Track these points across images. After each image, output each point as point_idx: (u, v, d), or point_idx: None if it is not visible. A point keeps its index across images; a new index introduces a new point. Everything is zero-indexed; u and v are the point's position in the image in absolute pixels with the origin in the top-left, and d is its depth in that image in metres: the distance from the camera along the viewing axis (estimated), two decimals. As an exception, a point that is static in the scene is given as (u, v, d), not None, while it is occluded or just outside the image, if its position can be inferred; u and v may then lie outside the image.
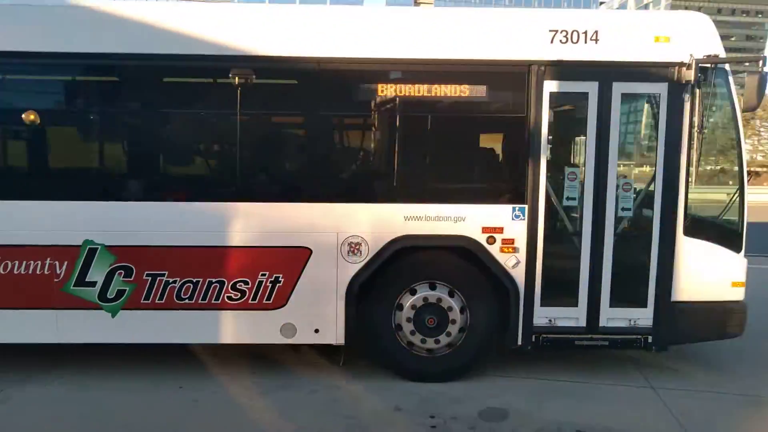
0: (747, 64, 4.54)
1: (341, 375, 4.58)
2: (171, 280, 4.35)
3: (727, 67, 4.34)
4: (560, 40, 4.33)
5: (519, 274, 4.42)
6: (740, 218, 4.55)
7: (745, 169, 4.61)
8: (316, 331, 4.47)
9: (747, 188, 4.57)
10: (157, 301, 4.35)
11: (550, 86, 4.32)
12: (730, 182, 4.78)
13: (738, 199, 4.52)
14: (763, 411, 4.28)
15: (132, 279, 4.33)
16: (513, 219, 4.38)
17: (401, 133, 4.53)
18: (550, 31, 4.31)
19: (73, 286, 4.32)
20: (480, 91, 4.48)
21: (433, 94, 4.40)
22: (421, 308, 4.46)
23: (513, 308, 4.42)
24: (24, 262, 4.27)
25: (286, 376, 4.58)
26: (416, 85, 4.38)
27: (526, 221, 4.37)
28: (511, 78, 4.39)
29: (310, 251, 4.39)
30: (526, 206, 4.37)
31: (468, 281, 4.49)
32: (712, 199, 4.70)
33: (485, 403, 4.13)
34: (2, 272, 4.28)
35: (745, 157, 4.70)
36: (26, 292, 4.32)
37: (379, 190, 4.64)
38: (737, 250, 4.51)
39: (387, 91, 4.42)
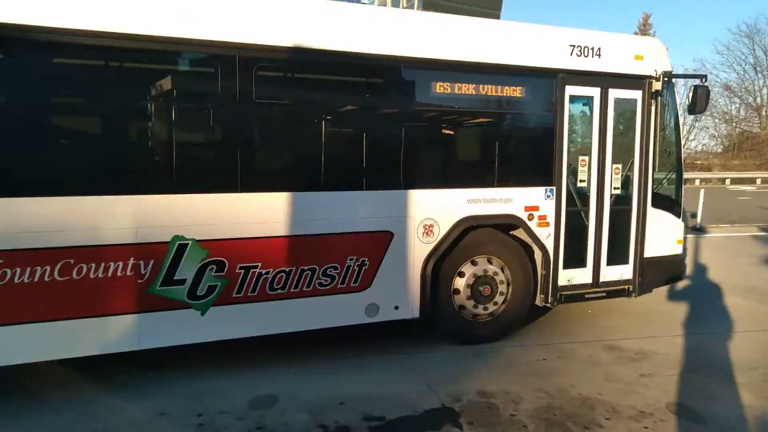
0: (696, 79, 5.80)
1: (97, 387, 4.18)
2: (264, 271, 4.36)
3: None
4: (576, 54, 5.35)
5: (550, 244, 5.37)
6: (680, 193, 6.05)
7: (683, 157, 6.26)
8: (396, 308, 4.89)
9: (684, 172, 6.28)
10: (249, 294, 4.33)
11: (570, 90, 5.35)
12: (674, 167, 6.12)
13: (678, 179, 6.05)
14: (487, 356, 4.98)
15: (224, 274, 4.23)
16: (545, 199, 5.33)
17: (464, 128, 5.45)
18: (570, 45, 5.32)
19: (160, 286, 4.08)
20: (522, 92, 5.29)
21: (488, 94, 5.17)
22: (477, 279, 5.18)
23: (546, 272, 5.38)
24: (103, 264, 3.89)
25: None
26: (473, 88, 5.06)
27: (554, 200, 5.35)
28: (544, 83, 5.29)
29: (392, 234, 4.79)
30: (554, 188, 5.34)
31: (513, 255, 5.32)
32: (662, 179, 6.02)
33: (254, 393, 4.17)
34: (76, 277, 3.84)
35: (683, 149, 6.32)
36: (104, 297, 3.94)
37: (448, 177, 5.24)
38: (679, 216, 6.02)
39: (447, 93, 5.00)
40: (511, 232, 5.37)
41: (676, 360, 4.94)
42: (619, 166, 5.65)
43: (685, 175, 7.59)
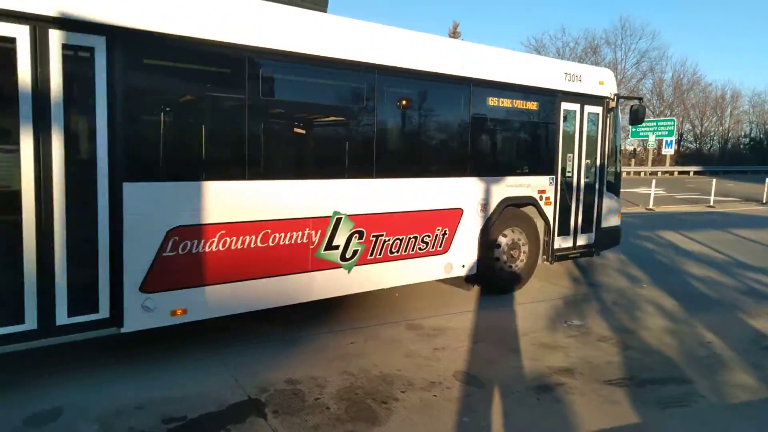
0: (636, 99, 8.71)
1: None
2: (387, 238, 5.70)
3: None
4: (568, 79, 7.42)
5: (552, 218, 7.35)
6: (619, 181, 8.56)
7: (620, 157, 8.78)
8: (463, 266, 6.47)
9: (621, 167, 9.19)
10: (377, 257, 5.64)
11: (564, 106, 7.41)
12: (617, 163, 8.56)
13: (618, 172, 8.54)
14: (300, 345, 5.12)
15: (363, 240, 5.50)
16: (549, 184, 7.31)
17: (505, 132, 7.25)
18: (565, 73, 7.42)
19: (324, 250, 5.23)
20: (538, 106, 7.22)
21: (522, 108, 7.02)
22: (510, 245, 6.96)
23: (547, 239, 7.38)
24: (289, 233, 4.98)
25: None
26: (512, 102, 6.90)
27: (554, 185, 7.36)
28: (551, 100, 7.29)
29: (462, 210, 6.37)
30: (554, 176, 7.36)
31: (529, 227, 7.19)
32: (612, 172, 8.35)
33: (35, 408, 3.77)
34: (270, 244, 4.88)
35: (620, 151, 8.86)
36: (286, 259, 5.00)
37: (496, 168, 6.86)
38: (618, 196, 8.48)
39: (505, 105, 6.86)
40: (522, 210, 7.15)
41: (466, 333, 5.55)
42: (589, 161, 7.82)
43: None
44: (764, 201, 21.02)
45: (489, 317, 6.12)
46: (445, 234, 6.21)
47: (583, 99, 7.58)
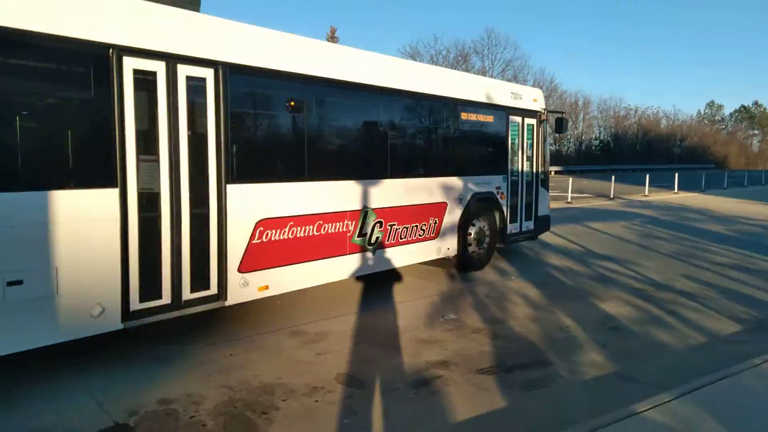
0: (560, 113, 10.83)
1: None
2: (398, 227, 7.10)
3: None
4: (513, 98, 9.21)
5: (505, 209, 9.03)
6: (548, 179, 10.50)
7: (546, 161, 10.31)
8: (448, 249, 8.04)
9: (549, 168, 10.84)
10: (391, 242, 7.03)
11: (511, 119, 9.16)
12: (547, 163, 10.47)
13: (547, 171, 10.35)
14: (174, 361, 4.80)
15: (382, 228, 6.86)
16: (503, 182, 8.97)
17: (475, 141, 8.80)
18: (511, 92, 9.26)
19: (356, 237, 6.53)
20: (494, 119, 8.89)
21: (471, 119, 8.46)
22: (478, 231, 8.59)
23: (503, 226, 9.00)
24: (335, 224, 6.26)
25: None
26: (478, 116, 8.55)
27: (506, 183, 9.05)
28: (503, 115, 9.00)
29: (447, 203, 7.88)
30: (506, 175, 9.07)
31: (490, 217, 8.83)
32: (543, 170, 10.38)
33: None
34: (322, 233, 6.12)
35: (548, 157, 10.61)
36: (332, 245, 6.26)
37: (468, 169, 8.33)
38: (548, 191, 10.50)
39: (474, 119, 8.53)
40: (486, 202, 8.70)
41: (348, 335, 5.63)
42: (528, 163, 9.64)
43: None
44: (611, 197, 23.62)
45: (371, 317, 6.26)
46: (436, 222, 7.77)
47: (524, 113, 9.42)
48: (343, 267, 6.42)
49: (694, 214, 17.78)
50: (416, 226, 7.37)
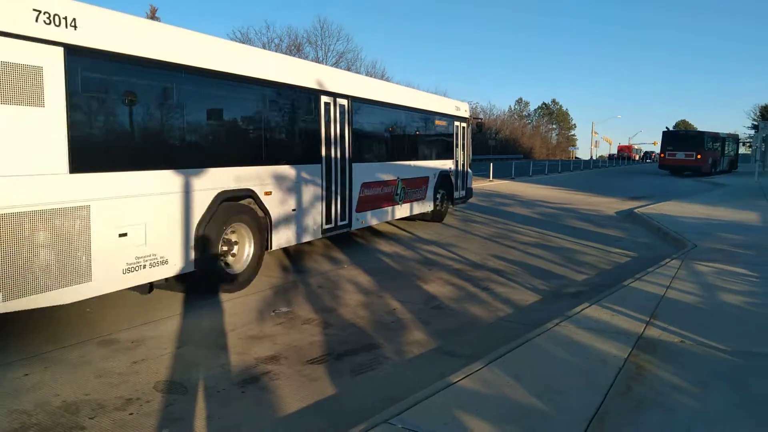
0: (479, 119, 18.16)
1: None
2: (409, 190, 11.54)
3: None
4: (455, 110, 13.96)
5: (455, 181, 14.04)
6: (470, 165, 15.40)
7: (470, 152, 15.34)
8: (429, 210, 12.77)
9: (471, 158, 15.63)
10: (407, 200, 11.51)
11: (455, 124, 13.96)
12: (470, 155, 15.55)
13: (471, 160, 15.47)
14: None
15: (403, 191, 11.33)
16: (453, 164, 13.98)
17: (441, 139, 13.78)
18: (455, 106, 14.02)
19: (395, 195, 11.02)
20: (447, 124, 13.66)
21: (440, 125, 13.62)
22: (441, 196, 13.63)
23: (455, 192, 14.09)
24: (389, 187, 10.79)
25: None
26: (443, 122, 13.60)
27: (455, 165, 14.07)
28: (451, 120, 13.78)
29: (428, 177, 12.45)
30: (455, 160, 14.20)
31: (449, 187, 13.74)
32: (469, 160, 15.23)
33: None
34: (384, 191, 10.62)
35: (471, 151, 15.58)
36: (388, 199, 10.77)
37: (437, 156, 13.34)
38: (472, 173, 15.69)
39: (440, 124, 13.54)
40: (447, 177, 13.77)
41: (170, 339, 5.24)
42: (463, 153, 14.28)
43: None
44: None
45: (196, 318, 5.91)
46: (425, 189, 12.28)
47: (460, 120, 14.10)
48: (393, 212, 11.00)
49: (506, 200, 19.89)
50: (416, 190, 11.87)
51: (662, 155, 38.44)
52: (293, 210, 7.89)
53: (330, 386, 4.33)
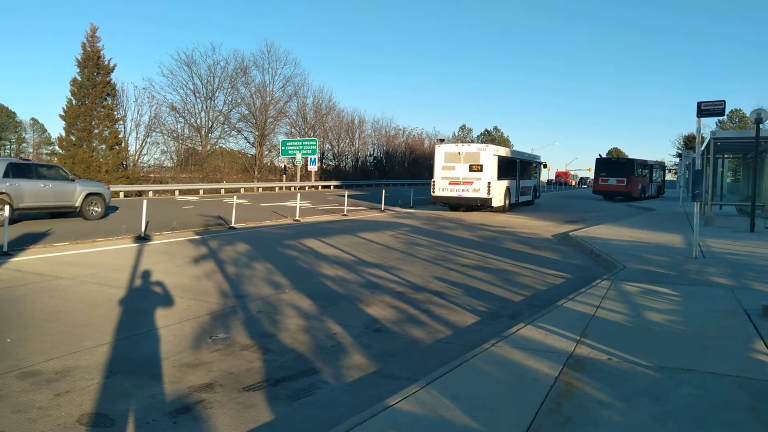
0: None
1: None
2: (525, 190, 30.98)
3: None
4: (536, 156, 34.32)
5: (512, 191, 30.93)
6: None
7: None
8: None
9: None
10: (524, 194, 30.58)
11: (536, 164, 34.86)
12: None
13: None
14: None
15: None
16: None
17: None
18: (536, 156, 35.39)
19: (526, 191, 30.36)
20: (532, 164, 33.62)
21: None
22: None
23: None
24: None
25: None
26: None
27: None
28: (536, 163, 35.06)
29: (531, 186, 33.22)
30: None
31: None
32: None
33: None
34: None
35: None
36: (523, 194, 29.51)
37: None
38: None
39: None
40: None
41: (98, 369, 5.00)
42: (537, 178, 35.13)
43: (140, 188, 12.02)
44: (383, 209, 25.60)
45: (128, 346, 5.67)
46: (531, 191, 31.70)
47: (537, 161, 33.49)
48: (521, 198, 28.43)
49: (449, 223, 20.28)
50: (527, 191, 29.57)
51: (596, 181, 40.46)
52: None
53: (266, 413, 4.25)
